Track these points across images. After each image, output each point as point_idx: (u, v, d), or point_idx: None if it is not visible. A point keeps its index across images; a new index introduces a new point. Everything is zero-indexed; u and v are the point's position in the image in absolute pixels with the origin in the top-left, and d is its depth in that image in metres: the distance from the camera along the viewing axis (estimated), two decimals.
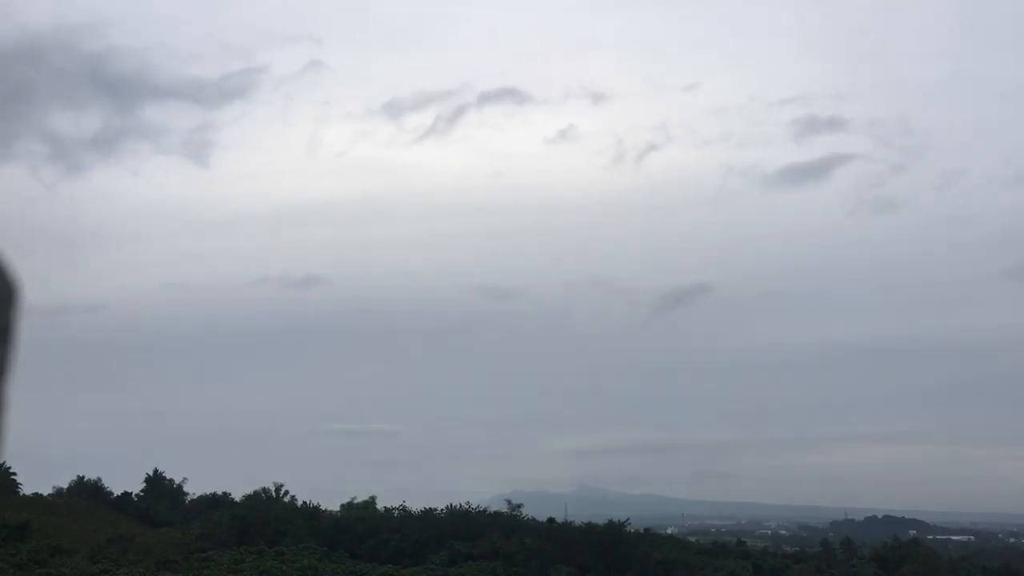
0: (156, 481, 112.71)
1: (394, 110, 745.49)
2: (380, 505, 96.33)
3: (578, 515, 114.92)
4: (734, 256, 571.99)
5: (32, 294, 2.74)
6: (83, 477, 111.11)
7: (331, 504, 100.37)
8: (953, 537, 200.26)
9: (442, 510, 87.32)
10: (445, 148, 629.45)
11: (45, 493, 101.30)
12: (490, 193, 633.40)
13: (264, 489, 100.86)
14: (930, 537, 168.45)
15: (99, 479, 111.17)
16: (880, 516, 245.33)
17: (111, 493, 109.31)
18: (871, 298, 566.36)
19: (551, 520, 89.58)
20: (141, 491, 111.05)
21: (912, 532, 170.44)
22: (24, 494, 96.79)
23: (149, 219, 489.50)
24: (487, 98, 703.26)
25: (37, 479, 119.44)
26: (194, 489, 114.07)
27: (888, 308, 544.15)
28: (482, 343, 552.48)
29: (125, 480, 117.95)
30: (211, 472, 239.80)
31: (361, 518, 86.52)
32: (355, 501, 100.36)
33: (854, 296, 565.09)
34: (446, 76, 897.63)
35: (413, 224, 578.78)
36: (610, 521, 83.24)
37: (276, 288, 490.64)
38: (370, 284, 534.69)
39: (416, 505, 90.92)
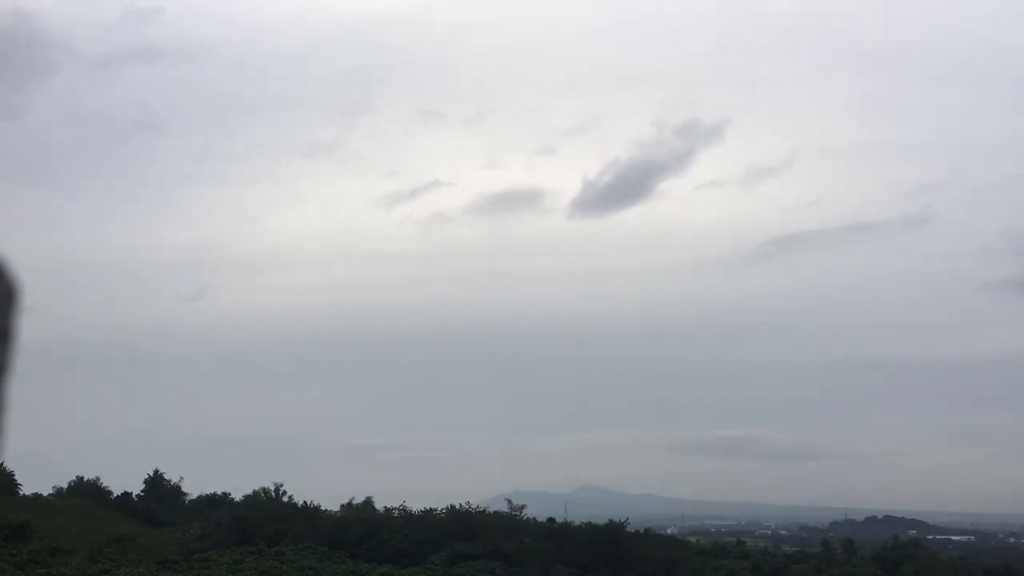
0: (156, 481, 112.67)
1: None
2: (380, 505, 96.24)
3: (578, 515, 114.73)
4: None
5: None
6: (83, 477, 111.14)
7: (331, 504, 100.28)
8: (953, 537, 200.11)
9: (442, 510, 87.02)
10: None
11: (45, 493, 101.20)
12: None
13: (264, 489, 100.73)
14: (930, 537, 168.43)
15: (99, 479, 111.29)
16: (880, 516, 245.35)
17: (111, 493, 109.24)
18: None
19: (551, 520, 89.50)
20: (141, 491, 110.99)
21: (912, 532, 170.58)
22: (24, 494, 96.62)
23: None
24: None
25: (37, 479, 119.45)
26: (194, 489, 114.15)
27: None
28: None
29: (125, 480, 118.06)
30: (215, 473, 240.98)
31: (361, 518, 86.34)
32: (355, 501, 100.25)
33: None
34: None
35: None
36: (610, 521, 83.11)
37: None
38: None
39: (416, 505, 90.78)
